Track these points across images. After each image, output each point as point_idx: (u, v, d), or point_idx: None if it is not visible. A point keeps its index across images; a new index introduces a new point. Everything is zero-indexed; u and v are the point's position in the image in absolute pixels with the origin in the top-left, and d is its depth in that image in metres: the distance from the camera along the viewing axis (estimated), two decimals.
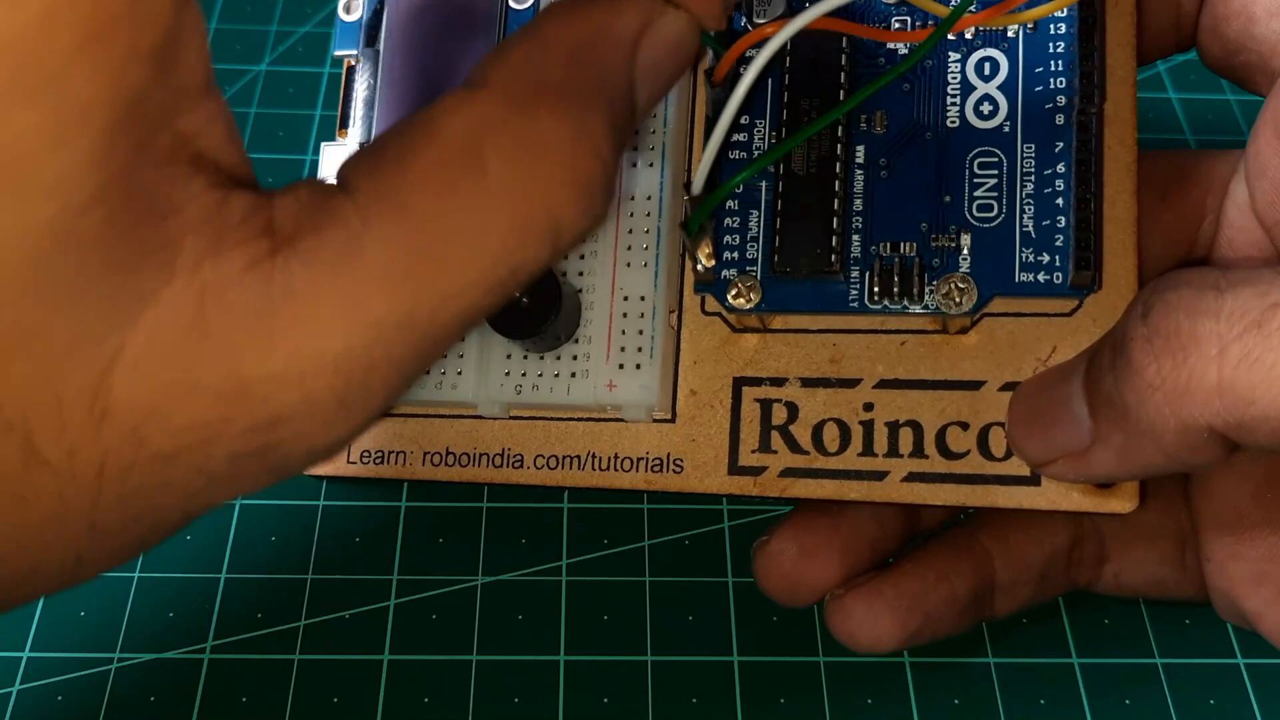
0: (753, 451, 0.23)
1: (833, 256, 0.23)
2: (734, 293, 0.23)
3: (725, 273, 0.23)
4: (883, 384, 0.23)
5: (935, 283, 0.22)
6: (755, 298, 0.23)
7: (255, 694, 0.26)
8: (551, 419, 0.24)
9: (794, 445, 0.23)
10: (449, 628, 0.27)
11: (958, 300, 0.22)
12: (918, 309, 0.22)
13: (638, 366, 0.23)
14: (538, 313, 0.24)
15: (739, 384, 0.24)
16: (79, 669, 0.26)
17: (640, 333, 0.23)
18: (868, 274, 0.23)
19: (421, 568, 0.28)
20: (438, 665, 0.27)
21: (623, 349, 0.23)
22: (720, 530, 0.29)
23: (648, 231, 0.24)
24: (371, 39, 0.26)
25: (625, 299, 0.24)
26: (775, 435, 0.23)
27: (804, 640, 0.27)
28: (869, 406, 0.23)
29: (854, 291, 0.23)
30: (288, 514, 0.29)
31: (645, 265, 0.24)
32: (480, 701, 0.26)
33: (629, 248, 0.24)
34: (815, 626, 0.27)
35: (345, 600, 0.28)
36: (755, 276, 0.23)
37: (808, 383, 0.23)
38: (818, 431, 0.23)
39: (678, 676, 0.27)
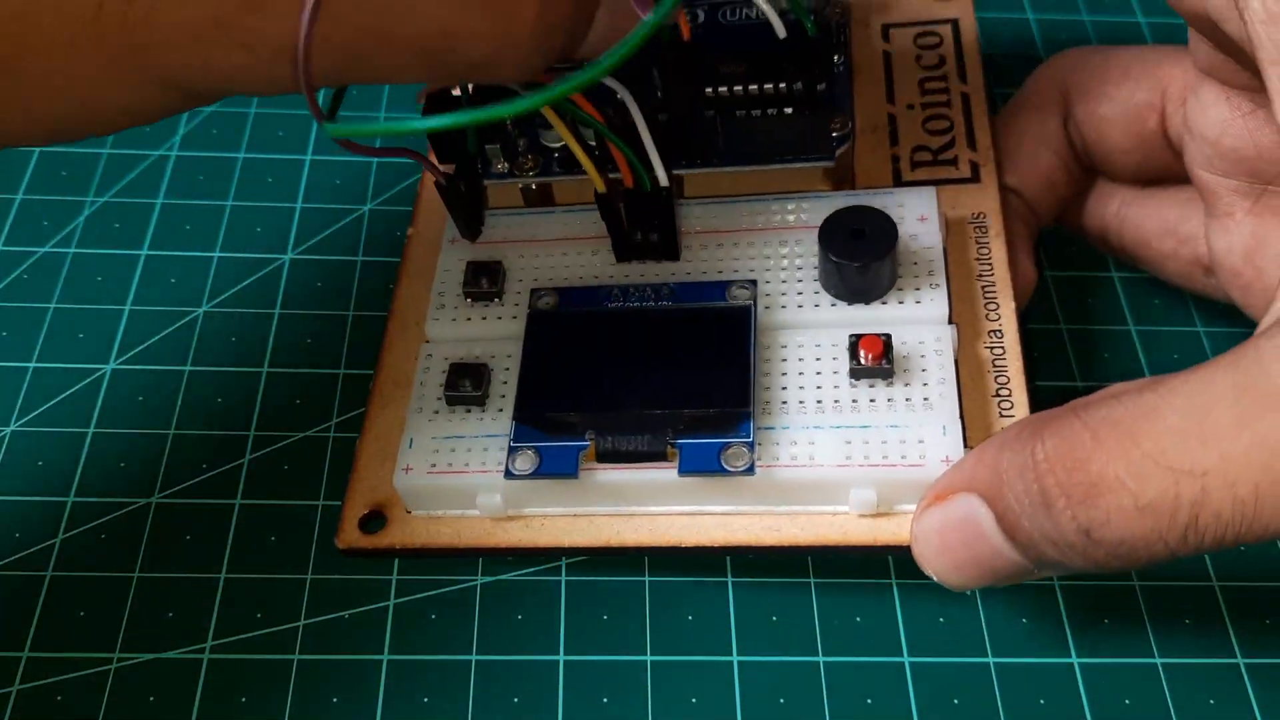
0: None
1: None
2: None
3: None
4: None
5: None
6: None
7: (255, 694, 0.26)
8: None
9: None
10: (449, 627, 0.27)
11: None
12: None
13: None
14: (878, 247, 0.26)
15: None
16: (79, 668, 0.26)
17: None
18: None
19: (422, 568, 0.28)
20: (437, 665, 0.27)
21: None
22: None
23: None
24: None
25: None
26: None
27: (804, 640, 0.27)
28: None
29: None
30: (288, 514, 0.29)
31: None
32: (480, 701, 0.26)
33: None
34: (815, 626, 0.27)
35: (345, 600, 0.28)
36: None
37: None
38: None
39: (678, 676, 0.27)
